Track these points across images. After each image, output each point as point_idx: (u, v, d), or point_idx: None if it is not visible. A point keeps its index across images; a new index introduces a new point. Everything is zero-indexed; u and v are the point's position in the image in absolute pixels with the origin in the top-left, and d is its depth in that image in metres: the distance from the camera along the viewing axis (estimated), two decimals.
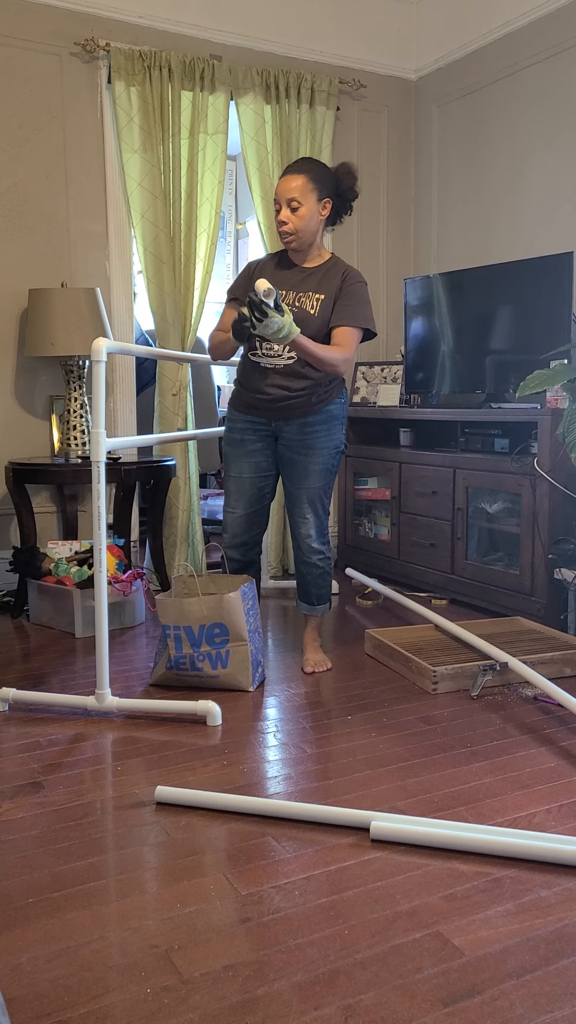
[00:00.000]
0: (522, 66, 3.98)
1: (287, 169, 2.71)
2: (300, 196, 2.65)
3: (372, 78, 4.52)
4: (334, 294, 2.71)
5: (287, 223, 2.67)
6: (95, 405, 2.42)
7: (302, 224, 2.67)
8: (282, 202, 2.67)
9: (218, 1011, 1.32)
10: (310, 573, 2.90)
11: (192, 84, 3.92)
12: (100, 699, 2.49)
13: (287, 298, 2.72)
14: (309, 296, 2.72)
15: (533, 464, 3.26)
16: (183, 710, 2.47)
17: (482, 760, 2.21)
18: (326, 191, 2.70)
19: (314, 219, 2.69)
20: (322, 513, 2.85)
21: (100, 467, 2.44)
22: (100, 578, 2.47)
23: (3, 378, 3.82)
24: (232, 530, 2.89)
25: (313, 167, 2.70)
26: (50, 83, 3.77)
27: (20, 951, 1.47)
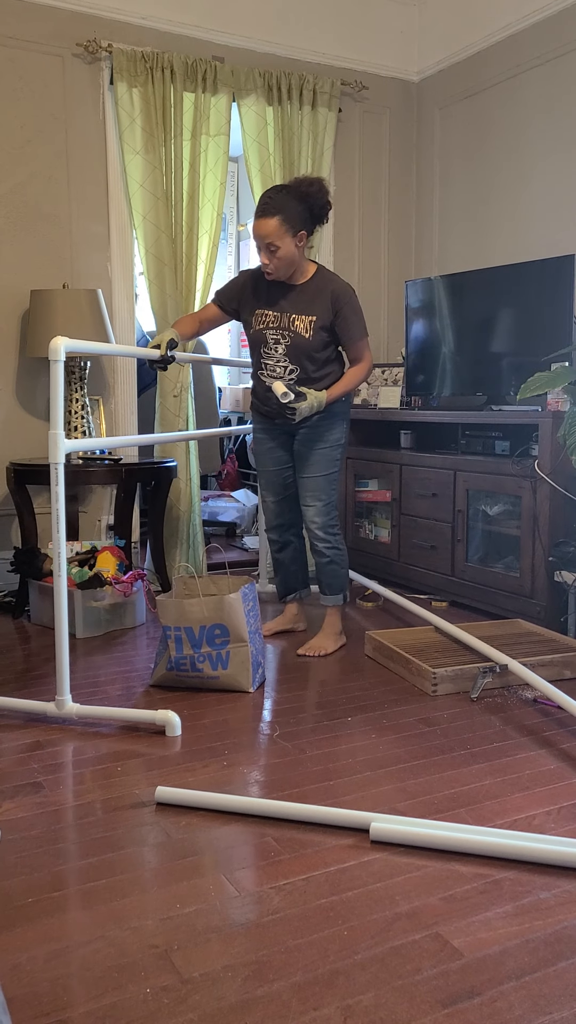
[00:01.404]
0: (524, 69, 3.99)
1: (260, 208, 2.82)
2: (276, 239, 2.80)
3: (374, 80, 4.52)
4: (327, 316, 2.94)
5: (269, 264, 2.86)
6: (53, 406, 2.39)
7: (283, 264, 2.86)
8: (259, 245, 2.83)
9: (217, 1011, 1.32)
10: (319, 562, 3.17)
11: (194, 85, 3.93)
12: (60, 705, 2.46)
13: (281, 321, 2.95)
14: (302, 319, 2.94)
15: (534, 467, 3.26)
16: (142, 719, 2.44)
17: (482, 762, 2.21)
18: (300, 224, 2.84)
19: (293, 254, 2.86)
20: (325, 502, 3.09)
21: (59, 469, 2.40)
22: (60, 582, 2.46)
23: (5, 379, 3.82)
24: (267, 515, 3.27)
25: (284, 204, 2.80)
26: (52, 84, 3.78)
27: (20, 950, 1.47)
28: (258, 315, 3.00)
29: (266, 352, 3.00)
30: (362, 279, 4.64)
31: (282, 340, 2.96)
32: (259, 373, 3.05)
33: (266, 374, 3.02)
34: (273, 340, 2.97)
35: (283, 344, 2.96)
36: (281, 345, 2.96)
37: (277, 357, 2.98)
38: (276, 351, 2.98)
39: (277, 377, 2.99)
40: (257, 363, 3.05)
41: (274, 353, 2.98)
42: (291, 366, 2.97)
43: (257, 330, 3.00)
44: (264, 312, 2.99)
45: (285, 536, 3.27)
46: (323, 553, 3.13)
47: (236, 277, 3.10)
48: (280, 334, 2.96)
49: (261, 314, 3.00)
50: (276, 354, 2.98)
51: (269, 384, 3.00)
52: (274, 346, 2.97)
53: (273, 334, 2.97)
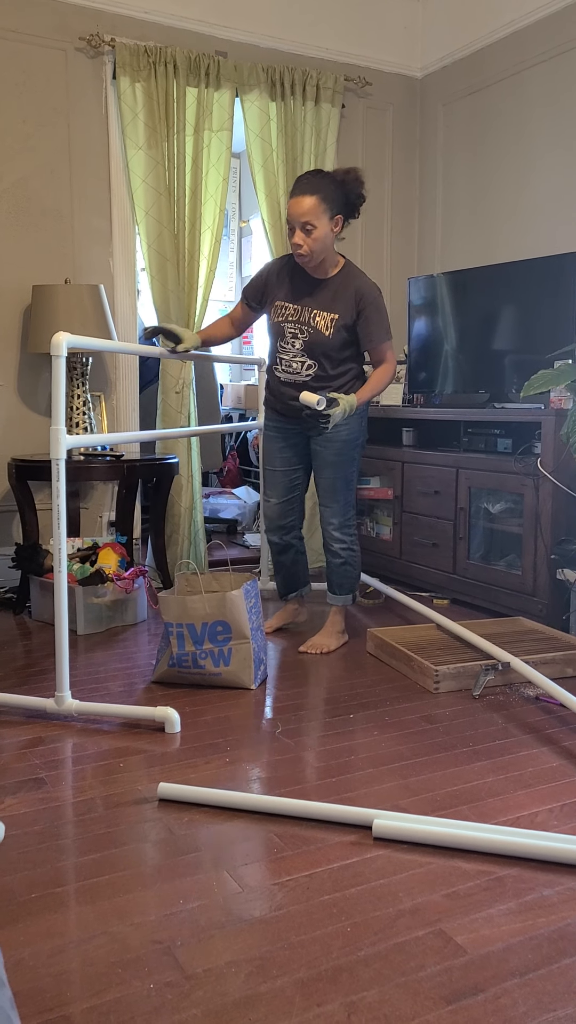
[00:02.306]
0: (528, 65, 3.98)
1: (298, 188, 2.70)
2: (314, 218, 2.68)
3: (377, 76, 4.51)
4: (350, 315, 2.84)
5: (303, 246, 2.71)
6: (55, 401, 2.39)
7: (317, 246, 2.73)
8: (296, 224, 2.69)
9: (221, 1007, 1.32)
10: (332, 562, 3.12)
11: (197, 80, 3.92)
12: (59, 701, 2.45)
13: (301, 316, 2.86)
14: (323, 316, 2.84)
15: (536, 464, 3.26)
16: (142, 715, 2.43)
17: (484, 759, 2.20)
18: (337, 207, 2.74)
19: (328, 238, 2.74)
20: (343, 503, 3.03)
21: (60, 464, 2.40)
22: (60, 578, 2.45)
23: (6, 374, 3.82)
24: (269, 516, 3.16)
25: (323, 184, 2.70)
26: (55, 78, 3.77)
27: (23, 946, 1.47)
28: (278, 307, 2.92)
29: (282, 347, 2.92)
30: None
31: (300, 335, 2.88)
32: (275, 368, 2.97)
33: (281, 369, 2.95)
34: (291, 334, 2.89)
35: (300, 340, 2.88)
36: (299, 340, 2.88)
37: (294, 352, 2.90)
38: (293, 346, 2.89)
39: (293, 372, 2.92)
40: (273, 356, 2.97)
41: (291, 348, 2.90)
42: (309, 361, 2.89)
43: (276, 322, 2.93)
44: (284, 304, 2.91)
45: (286, 539, 3.18)
46: (338, 554, 3.08)
47: (260, 270, 3.00)
48: (298, 328, 2.88)
49: (281, 306, 2.91)
50: (293, 349, 2.89)
51: (286, 380, 2.93)
52: (291, 340, 2.89)
53: (291, 328, 2.89)
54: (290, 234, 2.74)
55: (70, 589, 3.32)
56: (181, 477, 4.05)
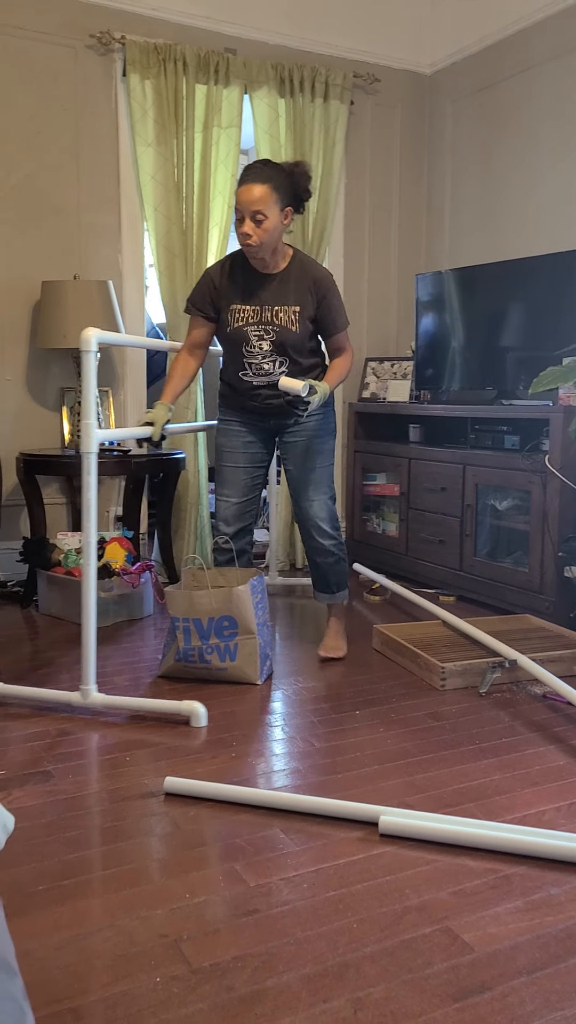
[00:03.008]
0: (537, 62, 3.97)
1: (248, 175, 2.61)
2: (265, 208, 2.59)
3: (386, 72, 4.50)
4: (311, 306, 2.76)
5: (252, 236, 2.61)
6: (85, 396, 2.42)
7: (268, 238, 2.63)
8: (246, 213, 2.60)
9: (227, 1001, 1.32)
10: (325, 561, 2.95)
11: (206, 77, 3.92)
12: (85, 695, 2.47)
13: (262, 316, 2.75)
14: (285, 310, 2.74)
15: (544, 461, 3.25)
16: (168, 710, 2.44)
17: (491, 757, 2.20)
18: (287, 198, 2.66)
19: (277, 230, 2.65)
20: (328, 495, 2.92)
21: (91, 459, 2.43)
22: (89, 571, 2.46)
23: (15, 370, 3.82)
24: (225, 517, 2.94)
25: (275, 174, 2.62)
26: (65, 75, 3.77)
27: (30, 938, 1.47)
28: (234, 311, 2.75)
29: (249, 352, 2.77)
30: (372, 272, 4.63)
31: (266, 336, 2.74)
32: (241, 374, 2.82)
33: (252, 373, 2.80)
34: (256, 337, 2.75)
35: (267, 340, 2.74)
36: (266, 342, 2.74)
37: (263, 354, 2.76)
38: (261, 348, 2.75)
39: (266, 374, 2.79)
40: (238, 363, 2.81)
41: (258, 351, 2.76)
42: (279, 359, 2.77)
43: (235, 328, 2.76)
44: (241, 307, 2.75)
45: (241, 543, 2.96)
46: (330, 552, 2.93)
47: (202, 278, 2.82)
48: (263, 330, 2.74)
49: (238, 310, 2.75)
50: (261, 351, 2.76)
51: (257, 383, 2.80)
52: (258, 344, 2.75)
53: (255, 331, 2.74)
54: (238, 224, 2.62)
55: (76, 583, 3.32)
56: (188, 472, 4.06)
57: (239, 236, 2.63)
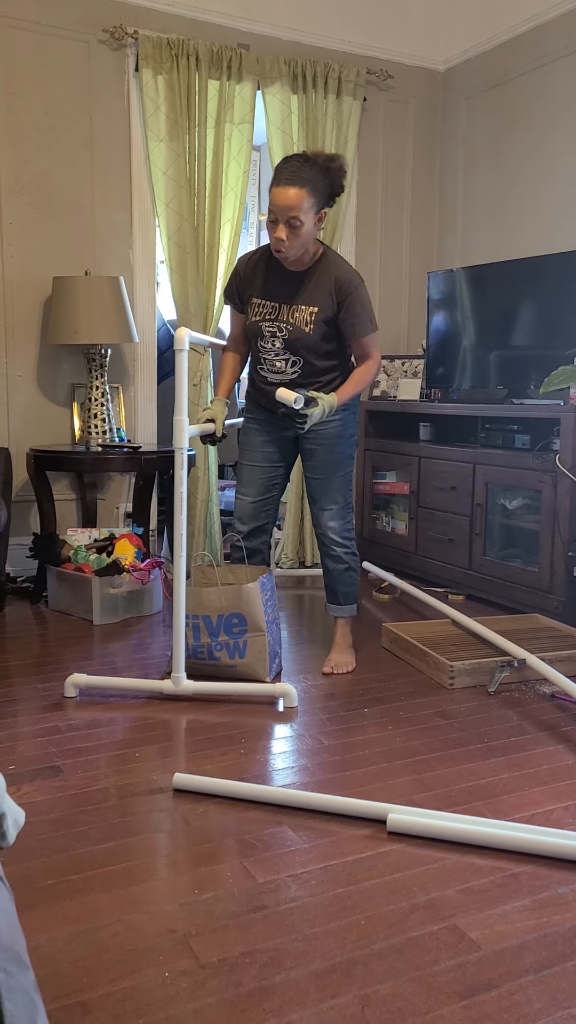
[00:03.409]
0: (551, 59, 3.95)
1: (285, 177, 2.48)
2: (301, 213, 2.47)
3: (400, 69, 4.49)
4: (330, 308, 2.65)
5: (285, 242, 2.51)
6: (178, 393, 2.46)
7: (299, 243, 2.54)
8: (280, 218, 2.49)
9: (235, 997, 1.33)
10: (335, 568, 2.90)
11: (219, 73, 3.91)
12: (176, 682, 2.53)
13: (278, 313, 2.67)
14: (302, 310, 2.65)
15: (555, 461, 3.24)
16: (261, 693, 2.55)
17: (499, 756, 2.20)
18: (323, 200, 2.55)
19: (311, 234, 2.56)
20: (344, 504, 2.85)
21: (182, 454, 2.48)
22: (180, 563, 2.50)
23: (26, 365, 3.83)
24: (241, 515, 2.92)
25: (313, 175, 2.49)
26: (78, 70, 3.78)
27: (40, 932, 1.48)
28: (254, 305, 2.71)
29: (263, 347, 2.73)
30: (384, 270, 4.62)
31: (278, 334, 2.69)
32: (259, 368, 2.79)
33: (266, 369, 2.76)
34: (269, 333, 2.70)
35: (279, 339, 2.69)
36: (277, 339, 2.69)
37: (275, 351, 2.71)
38: (273, 345, 2.71)
39: (278, 372, 2.74)
40: (256, 357, 2.78)
41: (271, 348, 2.71)
42: (292, 358, 2.71)
43: (253, 322, 2.72)
44: (261, 302, 2.70)
45: (256, 543, 2.94)
46: (341, 559, 2.88)
47: (235, 268, 2.78)
48: (276, 327, 2.68)
49: (258, 304, 2.71)
50: (274, 348, 2.71)
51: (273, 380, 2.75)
52: (271, 340, 2.70)
53: (269, 327, 2.69)
54: (271, 225, 2.52)
55: (86, 580, 3.33)
56: (198, 470, 4.06)
57: (272, 239, 2.54)
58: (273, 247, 2.56)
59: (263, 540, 2.96)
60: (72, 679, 2.55)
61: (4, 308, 3.75)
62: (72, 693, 2.56)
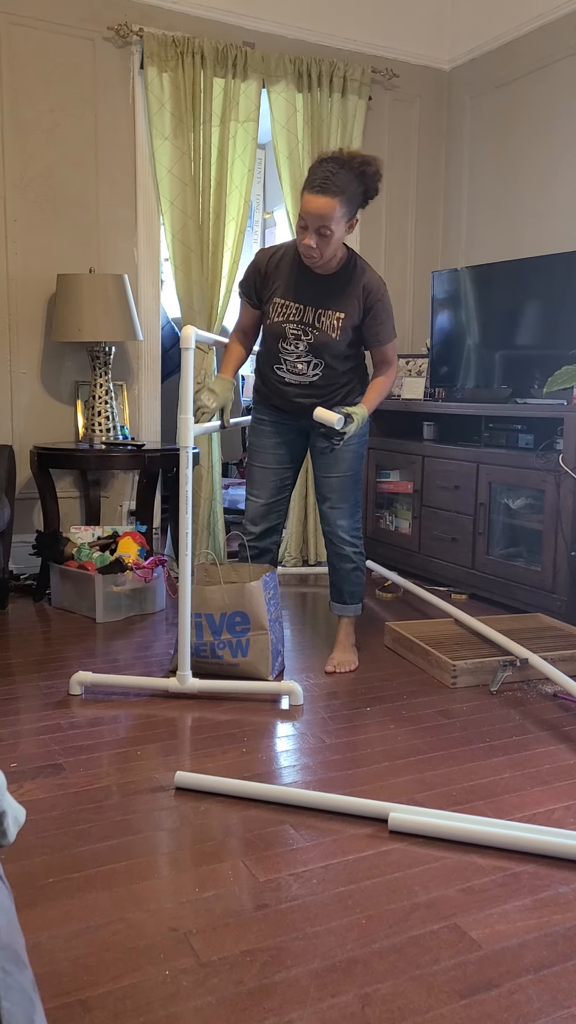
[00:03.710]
0: (557, 58, 3.94)
1: (318, 184, 2.43)
2: (332, 223, 2.45)
3: (405, 68, 4.49)
4: (357, 314, 2.65)
5: (315, 250, 2.50)
6: (182, 391, 2.45)
7: (329, 251, 2.52)
8: (311, 225, 2.46)
9: (236, 995, 1.33)
10: (343, 567, 2.90)
11: (224, 71, 3.91)
12: (182, 680, 2.53)
13: (304, 316, 2.65)
14: (329, 315, 2.63)
15: (558, 461, 3.24)
16: (266, 691, 2.55)
17: (501, 755, 2.20)
18: (355, 209, 2.52)
19: (340, 241, 2.53)
20: (353, 503, 2.86)
21: (187, 453, 2.47)
22: (185, 561, 2.51)
23: (30, 363, 3.84)
24: (252, 516, 2.91)
25: (347, 182, 2.44)
26: (82, 68, 3.78)
27: (41, 929, 1.48)
28: (277, 305, 2.67)
29: (285, 348, 2.69)
30: (388, 269, 4.61)
31: (303, 337, 2.66)
32: (275, 368, 2.75)
33: (286, 370, 2.73)
34: (293, 335, 2.67)
35: (304, 342, 2.66)
36: (302, 342, 2.67)
37: (298, 354, 2.69)
38: (297, 347, 2.68)
39: (299, 374, 2.71)
40: (274, 357, 2.73)
41: (294, 349, 2.69)
42: (315, 361, 2.69)
43: (275, 322, 2.68)
44: (284, 303, 2.66)
45: (266, 543, 2.93)
46: (350, 558, 2.88)
47: (253, 262, 2.71)
48: (301, 329, 2.66)
49: (281, 305, 2.66)
50: (297, 350, 2.68)
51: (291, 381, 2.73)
52: (294, 342, 2.68)
53: (294, 329, 2.66)
54: (301, 231, 2.50)
55: (90, 577, 3.34)
56: (201, 468, 4.06)
57: (301, 246, 2.52)
58: (303, 253, 2.54)
59: (274, 540, 2.95)
60: (77, 677, 2.56)
61: (8, 305, 3.75)
62: (77, 691, 2.57)
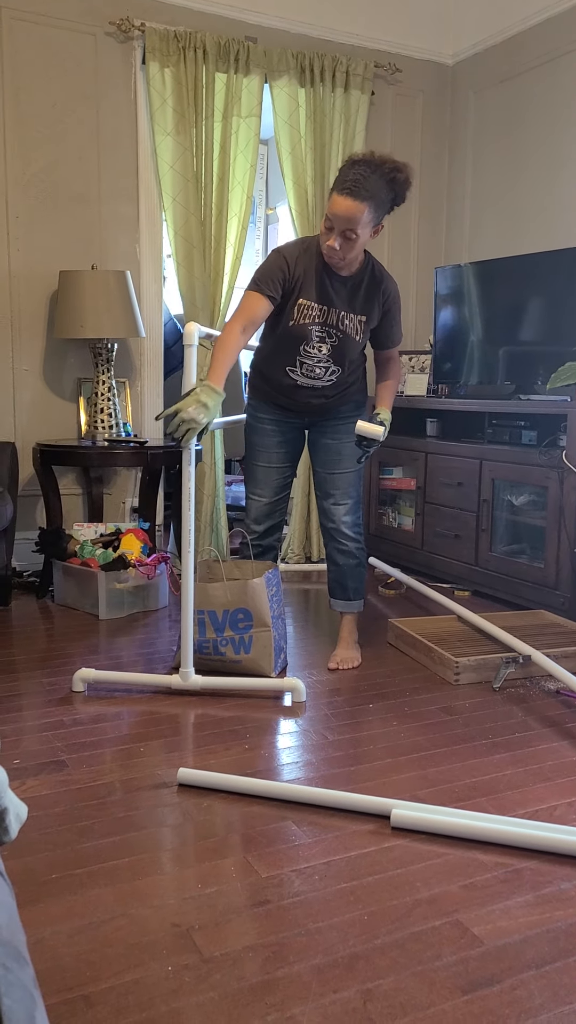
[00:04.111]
0: (561, 52, 3.93)
1: (348, 187, 2.39)
2: (359, 227, 2.44)
3: (408, 62, 4.48)
4: (376, 316, 2.68)
5: (339, 251, 2.48)
6: (185, 388, 2.45)
7: (353, 254, 2.52)
8: (336, 227, 2.44)
9: (238, 991, 1.33)
10: (346, 563, 2.88)
11: (226, 66, 3.90)
12: (184, 677, 2.53)
13: (328, 318, 2.63)
14: (352, 318, 2.64)
15: (561, 457, 3.23)
16: (269, 688, 2.55)
17: (503, 752, 2.20)
18: (381, 215, 2.49)
19: (363, 246, 2.53)
20: (356, 499, 2.85)
21: (190, 450, 2.49)
22: (188, 558, 2.52)
23: (32, 360, 3.84)
24: (256, 516, 2.90)
25: (376, 188, 2.41)
26: (84, 63, 3.77)
27: (44, 925, 1.48)
28: (302, 306, 2.61)
29: (306, 351, 2.65)
30: (391, 265, 4.61)
31: (328, 340, 2.64)
32: (289, 370, 2.70)
33: (301, 373, 2.69)
34: (318, 338, 2.63)
35: (328, 344, 2.64)
36: (326, 345, 2.64)
37: (319, 358, 2.66)
38: (320, 351, 2.65)
39: (315, 377, 2.69)
40: (290, 360, 2.68)
41: (316, 353, 2.65)
42: (333, 367, 2.68)
43: (299, 324, 2.62)
44: (310, 304, 2.60)
45: (269, 540, 2.93)
46: (352, 554, 2.87)
47: (273, 259, 2.61)
48: (326, 332, 2.63)
49: (307, 306, 2.61)
50: (318, 354, 2.66)
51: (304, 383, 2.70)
52: (318, 345, 2.64)
53: (319, 331, 2.63)
54: (326, 232, 2.48)
55: (92, 574, 3.34)
56: (204, 465, 4.06)
57: (324, 247, 2.51)
58: (325, 254, 2.53)
59: (276, 537, 2.96)
60: (80, 674, 2.56)
61: (11, 302, 3.75)
62: (80, 688, 2.57)
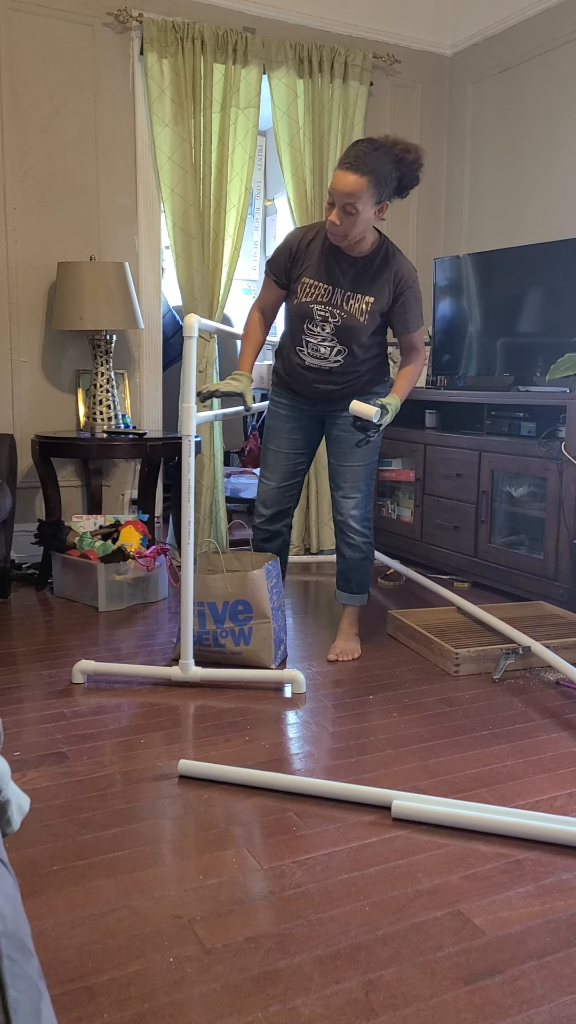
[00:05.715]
0: (560, 43, 3.92)
1: (349, 161, 2.39)
2: (358, 201, 2.40)
3: (406, 53, 4.46)
4: (386, 300, 2.63)
5: (339, 225, 2.47)
6: (185, 380, 2.45)
7: (355, 231, 2.49)
8: (336, 201, 2.42)
9: (240, 982, 1.34)
10: (352, 557, 2.88)
11: (225, 57, 3.89)
12: (184, 669, 2.53)
13: (332, 298, 2.62)
14: (359, 299, 2.61)
15: (560, 448, 3.23)
16: (268, 679, 2.55)
17: (503, 743, 2.21)
18: (387, 192, 2.46)
19: (368, 223, 2.49)
20: (366, 493, 2.84)
21: (190, 441, 2.48)
22: (188, 550, 2.52)
23: (31, 352, 3.83)
24: (264, 499, 2.91)
25: (378, 163, 2.40)
26: (82, 54, 3.75)
27: (45, 917, 1.49)
28: (305, 284, 2.63)
29: (310, 329, 2.66)
30: None
31: (330, 319, 2.63)
32: (298, 351, 2.71)
33: (307, 353, 2.69)
34: (320, 317, 2.64)
35: (331, 324, 2.63)
36: (329, 324, 2.64)
37: (322, 337, 2.66)
38: (323, 330, 2.65)
39: (320, 357, 2.68)
40: (297, 338, 2.71)
41: (319, 332, 2.66)
42: (338, 347, 2.66)
43: (302, 302, 2.64)
44: (314, 283, 2.62)
45: (277, 526, 2.92)
46: (360, 548, 2.85)
47: (286, 240, 2.67)
48: (329, 312, 2.63)
49: (310, 284, 2.63)
50: (322, 333, 2.65)
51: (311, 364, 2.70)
52: (321, 324, 2.64)
53: (321, 310, 2.63)
54: (328, 208, 2.47)
55: (92, 566, 3.34)
56: (203, 456, 4.06)
57: (327, 223, 2.50)
58: (328, 230, 2.52)
59: (285, 523, 2.95)
60: (80, 666, 2.56)
61: (8, 294, 3.74)
62: (80, 679, 2.57)
